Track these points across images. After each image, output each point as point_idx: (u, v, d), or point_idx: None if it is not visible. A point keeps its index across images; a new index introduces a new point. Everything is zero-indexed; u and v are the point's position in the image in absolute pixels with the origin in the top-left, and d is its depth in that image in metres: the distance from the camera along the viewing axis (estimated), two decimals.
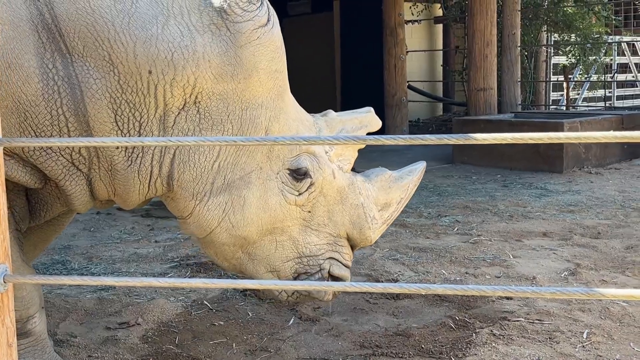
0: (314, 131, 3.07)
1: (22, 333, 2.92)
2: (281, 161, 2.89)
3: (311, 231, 3.01)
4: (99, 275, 4.98)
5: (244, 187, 2.83)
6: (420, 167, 3.31)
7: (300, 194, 2.93)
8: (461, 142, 1.85)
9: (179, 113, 2.67)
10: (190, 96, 2.66)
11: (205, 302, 4.37)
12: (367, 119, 3.18)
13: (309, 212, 2.99)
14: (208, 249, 2.99)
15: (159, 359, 3.57)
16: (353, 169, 3.22)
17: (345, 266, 3.12)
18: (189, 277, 4.85)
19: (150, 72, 2.58)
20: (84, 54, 2.56)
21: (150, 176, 2.76)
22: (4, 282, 1.73)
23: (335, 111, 3.29)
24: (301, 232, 3.00)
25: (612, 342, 3.71)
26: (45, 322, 3.09)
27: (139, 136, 2.67)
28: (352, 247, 3.17)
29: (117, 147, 2.67)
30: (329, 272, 3.08)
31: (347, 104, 14.95)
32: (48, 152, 2.65)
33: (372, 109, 3.24)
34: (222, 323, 4.05)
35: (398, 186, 3.19)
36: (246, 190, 2.83)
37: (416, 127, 14.62)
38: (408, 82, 13.58)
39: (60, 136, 2.63)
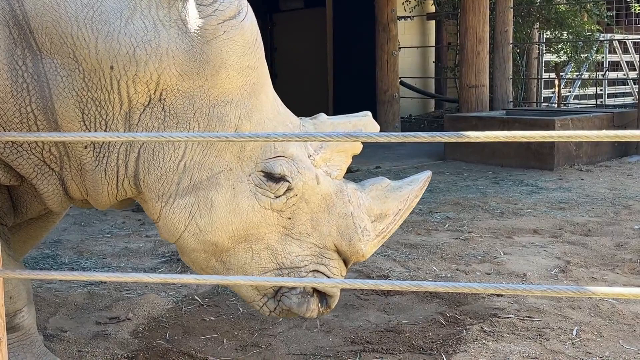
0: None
1: (10, 327, 2.90)
2: (253, 162, 2.71)
3: (292, 240, 2.79)
4: (90, 269, 4.97)
5: (212, 189, 2.66)
6: (423, 177, 3.06)
7: (276, 198, 2.73)
8: (454, 140, 1.86)
9: (144, 110, 2.58)
10: (155, 92, 2.56)
11: (196, 298, 4.37)
12: (361, 123, 2.96)
13: (289, 219, 2.78)
14: (182, 256, 2.86)
15: (149, 354, 3.57)
16: (350, 170, 3.11)
17: None
18: (180, 273, 4.85)
19: (112, 67, 2.50)
20: (51, 51, 2.51)
21: (117, 176, 2.67)
22: None
23: (327, 107, 3.20)
24: (280, 240, 2.78)
25: (602, 340, 3.73)
26: (34, 316, 3.08)
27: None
28: (346, 262, 2.93)
29: (85, 147, 2.60)
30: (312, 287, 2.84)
31: (339, 100, 14.95)
32: (19, 150, 2.61)
33: (369, 113, 3.03)
34: (213, 318, 4.05)
35: (396, 196, 2.95)
36: (214, 192, 2.66)
37: (408, 124, 14.63)
38: (400, 78, 13.58)
39: None
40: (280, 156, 2.72)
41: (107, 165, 2.64)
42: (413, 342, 3.74)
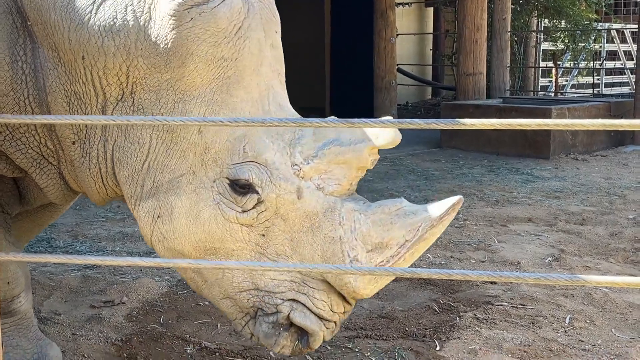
0: (284, 138, 2.42)
1: (7, 312, 2.91)
2: (219, 167, 2.39)
3: (268, 261, 2.42)
4: (84, 253, 4.96)
5: (172, 193, 2.41)
6: (447, 203, 2.41)
7: (244, 212, 2.38)
8: (450, 127, 1.85)
9: (117, 104, 2.45)
10: (127, 86, 2.42)
11: None
12: (370, 129, 2.41)
13: (263, 235, 2.40)
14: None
15: (143, 338, 3.58)
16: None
17: (317, 315, 2.44)
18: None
19: (83, 58, 2.40)
20: (41, 41, 2.46)
21: (100, 174, 2.57)
22: None
23: (324, 93, 2.87)
24: (254, 259, 2.42)
25: (594, 328, 3.75)
26: (31, 301, 3.08)
27: (86, 130, 2.52)
28: (346, 299, 2.46)
29: (74, 143, 2.54)
30: (288, 318, 2.45)
31: (337, 86, 14.91)
32: (17, 145, 2.58)
33: (390, 118, 2.27)
34: (207, 303, 4.05)
35: (404, 223, 2.36)
36: (174, 197, 2.41)
37: (405, 111, 14.61)
38: (397, 65, 13.55)
39: (27, 129, 2.57)
40: (250, 161, 2.37)
41: (90, 162, 2.55)
42: (406, 329, 3.75)
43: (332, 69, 15.15)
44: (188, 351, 3.47)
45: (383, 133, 2.39)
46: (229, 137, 2.39)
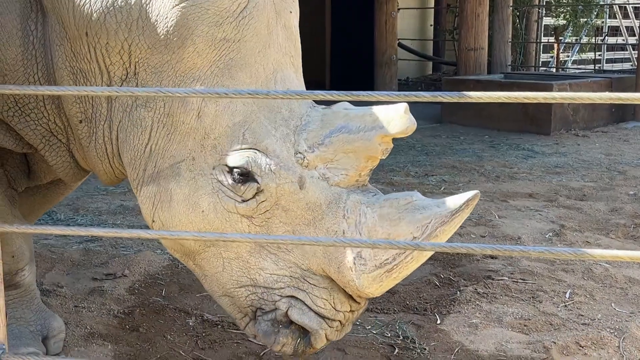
0: (289, 124, 2.30)
1: (11, 285, 2.93)
2: (218, 153, 2.29)
3: (268, 254, 2.31)
4: (85, 226, 4.97)
5: (172, 179, 2.33)
6: (461, 199, 2.24)
7: (244, 202, 2.27)
8: (455, 100, 1.84)
9: (121, 84, 2.39)
10: (130, 66, 2.36)
11: None
12: (382, 117, 2.23)
13: (263, 227, 2.30)
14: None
15: (145, 310, 3.59)
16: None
17: (317, 313, 2.32)
18: None
19: (87, 34, 2.35)
20: (50, 16, 2.43)
21: (107, 154, 2.53)
22: None
23: (324, 68, 2.59)
24: (254, 252, 2.32)
25: (594, 302, 3.77)
26: (34, 274, 3.10)
27: (92, 109, 2.49)
28: (353, 297, 2.33)
29: (81, 122, 2.51)
30: (287, 315, 2.34)
31: (337, 61, 14.84)
32: (27, 121, 2.57)
33: (405, 105, 2.26)
34: None
35: (412, 219, 2.19)
36: (174, 183, 2.33)
37: (405, 86, 14.55)
38: (398, 40, 13.47)
39: (36, 105, 2.56)
40: (250, 148, 2.26)
41: (96, 142, 2.52)
42: (407, 302, 3.77)
43: (332, 43, 15.07)
44: (190, 324, 3.49)
45: (396, 121, 2.22)
46: (229, 123, 2.28)
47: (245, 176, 2.25)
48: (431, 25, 16.19)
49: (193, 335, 3.38)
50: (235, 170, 2.25)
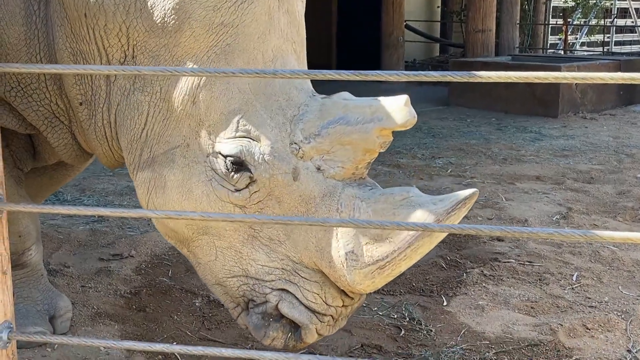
0: (286, 114, 2.25)
1: (18, 264, 2.94)
2: (212, 141, 2.24)
3: (260, 245, 2.28)
4: (92, 207, 4.98)
5: (166, 165, 2.30)
6: (459, 197, 2.15)
7: (237, 191, 2.23)
8: (465, 80, 1.82)
9: None
10: (127, 49, 2.33)
11: None
12: (382, 109, 2.17)
13: None
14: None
15: (152, 291, 3.60)
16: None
17: (308, 308, 2.28)
18: None
19: (85, 15, 2.33)
20: None
21: (106, 137, 2.51)
22: None
23: (330, 50, 2.47)
24: (246, 242, 2.28)
25: (601, 285, 3.76)
26: (41, 254, 3.11)
27: (92, 92, 2.48)
28: (346, 292, 2.28)
29: (81, 104, 2.50)
30: (277, 308, 2.31)
31: (342, 42, 14.77)
32: (29, 101, 2.57)
33: (406, 97, 2.19)
34: None
35: (407, 216, 2.12)
36: (168, 170, 2.30)
37: (412, 68, 14.48)
38: (405, 21, 13.39)
39: (38, 85, 2.55)
40: (244, 137, 2.21)
41: (96, 125, 2.51)
42: (413, 284, 3.77)
43: (339, 25, 14.99)
44: (197, 304, 3.49)
45: (396, 113, 2.15)
46: (224, 110, 2.23)
47: (239, 165, 2.20)
48: (438, 6, 16.08)
49: (199, 315, 3.39)
50: (228, 158, 2.21)
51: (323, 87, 2.45)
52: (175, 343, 3.09)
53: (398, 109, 2.15)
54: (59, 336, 2.76)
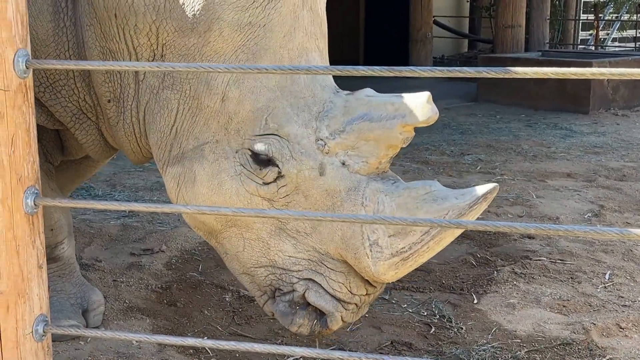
0: (312, 110, 2.31)
1: (51, 258, 2.97)
2: (241, 137, 2.31)
3: (287, 237, 2.35)
4: (123, 202, 5.02)
5: (196, 161, 2.36)
6: (481, 191, 2.23)
7: (265, 184, 2.30)
8: (500, 76, 1.80)
9: None
10: (157, 48, 2.39)
11: None
12: (404, 106, 2.22)
13: None
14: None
15: (182, 285, 3.63)
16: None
17: (333, 296, 2.36)
18: None
19: (115, 16, 2.37)
20: None
21: (134, 134, 2.56)
22: (35, 204, 1.72)
23: (358, 46, 2.50)
24: (274, 234, 2.35)
25: (635, 284, 3.71)
26: (73, 247, 3.14)
27: (120, 89, 2.51)
28: (369, 281, 2.35)
29: (109, 101, 2.54)
30: (304, 297, 2.38)
31: (371, 39, 14.72)
32: (57, 97, 2.60)
33: (427, 93, 2.23)
34: None
35: (430, 209, 2.20)
36: (198, 165, 2.36)
37: (440, 64, 14.39)
38: (434, 17, 13.31)
39: (66, 82, 2.58)
40: (271, 134, 2.28)
41: (124, 122, 2.56)
42: (443, 282, 3.75)
43: (367, 20, 14.95)
44: (227, 299, 3.51)
45: (418, 110, 2.21)
46: (252, 107, 2.29)
47: (267, 161, 2.27)
48: (467, 2, 15.96)
49: (230, 310, 3.41)
50: (257, 155, 2.28)
51: (348, 83, 2.46)
52: (205, 337, 3.10)
53: (420, 106, 2.20)
54: (93, 330, 2.79)
